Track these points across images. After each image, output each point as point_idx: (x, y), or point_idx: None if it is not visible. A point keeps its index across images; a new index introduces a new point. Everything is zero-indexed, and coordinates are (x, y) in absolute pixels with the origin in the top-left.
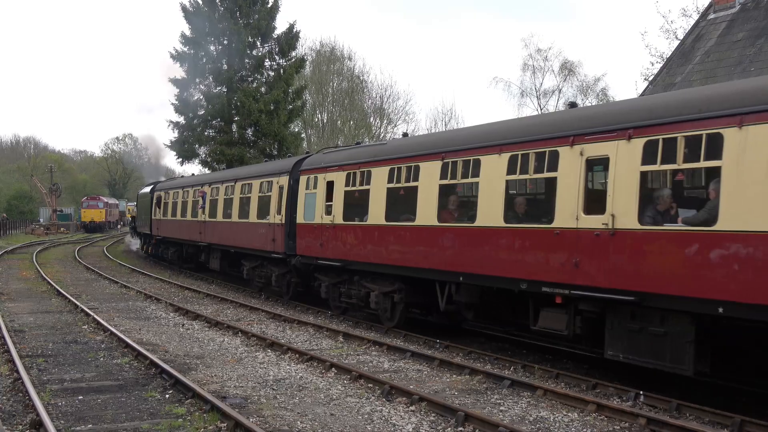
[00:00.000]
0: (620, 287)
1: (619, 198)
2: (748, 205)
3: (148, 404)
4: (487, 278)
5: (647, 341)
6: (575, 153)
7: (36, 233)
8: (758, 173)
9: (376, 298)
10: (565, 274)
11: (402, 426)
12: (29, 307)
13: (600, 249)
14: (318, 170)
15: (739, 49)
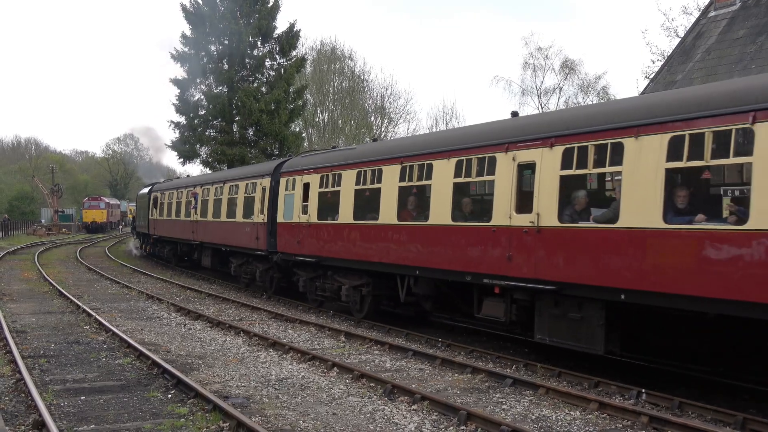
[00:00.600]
0: (544, 278)
1: (543, 199)
2: (642, 204)
3: (150, 404)
4: (438, 271)
5: (567, 325)
6: (509, 158)
7: (37, 234)
8: (649, 177)
9: (347, 291)
10: (501, 267)
11: (404, 425)
12: (31, 308)
13: (528, 244)
14: (296, 173)
15: (739, 46)
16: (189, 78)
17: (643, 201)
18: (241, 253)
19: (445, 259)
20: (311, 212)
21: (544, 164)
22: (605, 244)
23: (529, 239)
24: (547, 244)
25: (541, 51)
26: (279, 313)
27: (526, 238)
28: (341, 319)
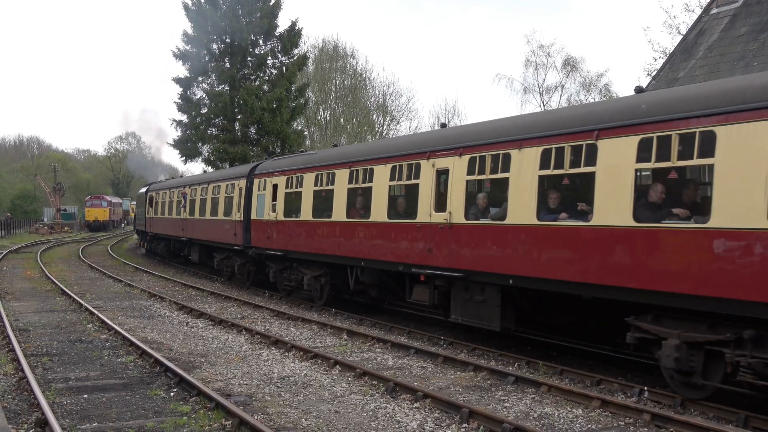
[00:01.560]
0: (456, 267)
1: (454, 200)
2: (523, 204)
3: (152, 402)
4: (379, 262)
5: (474, 307)
6: (430, 165)
7: (40, 232)
8: (528, 182)
9: (308, 281)
10: (424, 258)
11: (406, 423)
12: (34, 306)
13: (443, 238)
14: (266, 175)
15: (741, 43)
16: (191, 76)
17: (524, 201)
18: (223, 248)
19: (384, 251)
20: (278, 210)
21: (455, 170)
22: (498, 237)
23: (444, 234)
24: (457, 238)
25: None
26: (281, 311)
27: (441, 233)
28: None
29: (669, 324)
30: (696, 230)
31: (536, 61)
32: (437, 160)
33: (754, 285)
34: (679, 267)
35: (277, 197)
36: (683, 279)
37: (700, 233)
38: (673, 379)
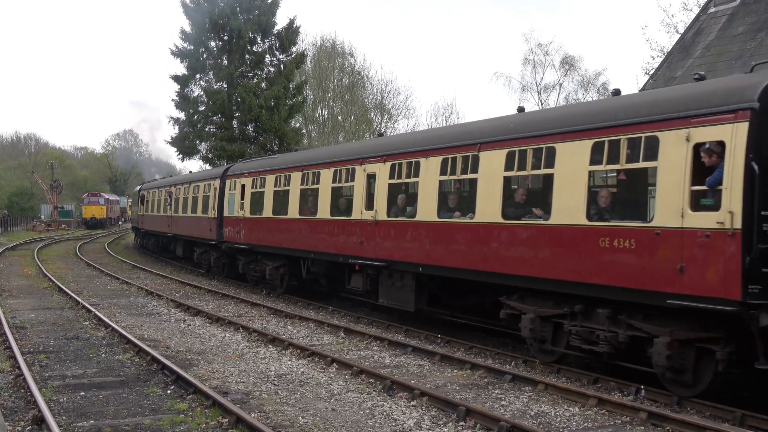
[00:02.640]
0: (381, 257)
1: (379, 200)
2: (428, 204)
3: (149, 400)
4: (324, 254)
5: (395, 291)
6: (362, 170)
7: (37, 230)
8: (431, 185)
9: (270, 271)
10: (357, 250)
11: (403, 421)
12: (31, 304)
13: (371, 233)
14: (236, 176)
15: (739, 42)
16: (189, 74)
17: (429, 202)
18: (201, 243)
19: (328, 245)
20: (246, 208)
21: (380, 175)
22: (411, 232)
23: (372, 229)
24: (381, 232)
25: (541, 47)
26: (278, 309)
27: (370, 228)
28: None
29: (528, 302)
30: (542, 226)
31: (534, 60)
32: (368, 166)
33: (579, 269)
34: (531, 255)
35: (245, 196)
36: (535, 265)
37: (544, 228)
38: (532, 346)
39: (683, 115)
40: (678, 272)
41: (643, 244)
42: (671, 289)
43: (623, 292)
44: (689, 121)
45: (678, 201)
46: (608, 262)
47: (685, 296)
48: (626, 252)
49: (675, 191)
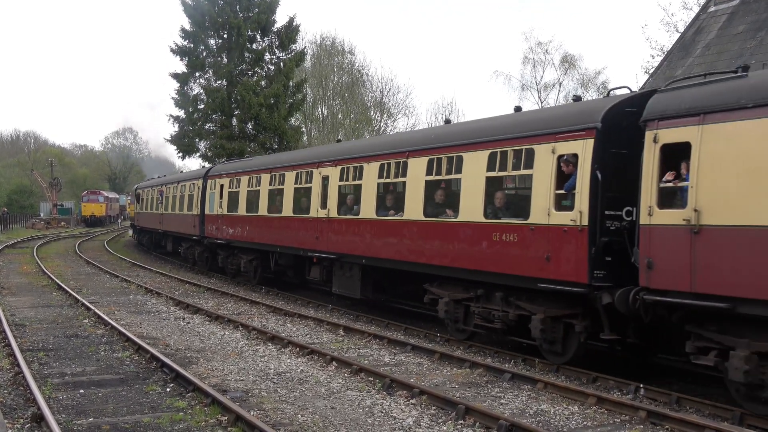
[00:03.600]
0: (333, 251)
1: (331, 199)
2: (369, 204)
3: (149, 398)
4: (288, 248)
5: (346, 281)
6: (318, 173)
7: (36, 227)
8: (372, 188)
9: (244, 264)
10: (314, 244)
11: (402, 419)
12: (30, 302)
13: (325, 229)
14: (216, 177)
15: (739, 41)
16: (188, 72)
17: (369, 202)
18: (187, 238)
19: (291, 239)
20: (223, 207)
21: (332, 177)
22: (356, 228)
23: (325, 226)
24: (333, 229)
25: (541, 46)
26: (278, 307)
27: (324, 225)
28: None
29: (445, 288)
30: (452, 223)
31: (534, 58)
32: (323, 169)
33: (479, 260)
34: (445, 248)
35: (223, 196)
36: (448, 256)
37: (454, 225)
38: (449, 326)
39: (551, 132)
40: (546, 261)
41: (523, 237)
42: (541, 275)
43: (510, 278)
44: (555, 137)
45: (546, 202)
46: (499, 253)
47: (551, 280)
48: (512, 245)
49: (544, 194)
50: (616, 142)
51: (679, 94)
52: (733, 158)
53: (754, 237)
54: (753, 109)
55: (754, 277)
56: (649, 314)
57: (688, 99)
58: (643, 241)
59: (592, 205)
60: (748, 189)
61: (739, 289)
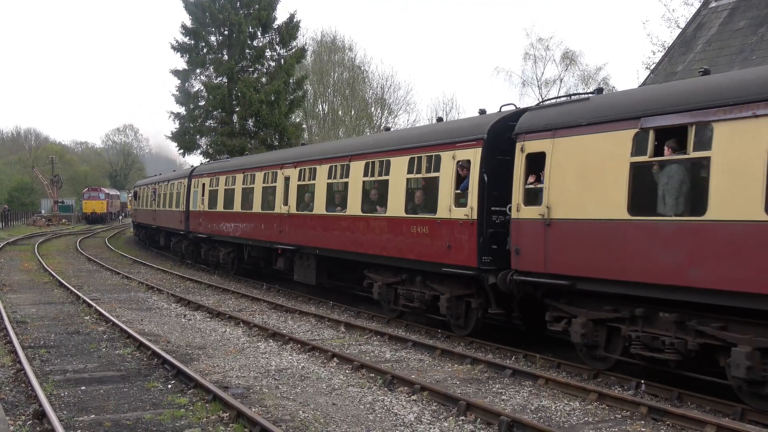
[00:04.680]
0: (293, 243)
1: (291, 197)
2: (321, 201)
3: (150, 394)
4: (258, 241)
5: (304, 269)
6: (282, 173)
7: (37, 224)
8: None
9: (223, 256)
10: (278, 237)
11: (404, 415)
12: (31, 299)
13: (287, 224)
14: (199, 176)
15: (740, 37)
16: (189, 68)
17: (321, 199)
18: (175, 233)
19: (260, 233)
20: (205, 204)
21: (292, 177)
22: (311, 223)
23: (287, 221)
24: (293, 223)
25: (542, 42)
26: (279, 303)
27: (286, 220)
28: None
29: (379, 273)
30: (383, 217)
31: (535, 55)
32: (285, 170)
33: (402, 249)
34: (378, 239)
35: (204, 193)
36: (379, 246)
37: (384, 219)
38: (383, 307)
39: (452, 141)
40: (448, 249)
41: (432, 229)
42: (445, 261)
43: (424, 264)
44: (455, 146)
45: (448, 200)
46: (416, 243)
47: (451, 265)
48: (424, 236)
49: (448, 193)
50: (500, 150)
51: (540, 113)
52: (572, 166)
53: (587, 228)
54: (587, 126)
55: (587, 260)
56: (520, 292)
57: (545, 117)
58: (513, 232)
59: (481, 202)
60: (582, 190)
61: (577, 270)
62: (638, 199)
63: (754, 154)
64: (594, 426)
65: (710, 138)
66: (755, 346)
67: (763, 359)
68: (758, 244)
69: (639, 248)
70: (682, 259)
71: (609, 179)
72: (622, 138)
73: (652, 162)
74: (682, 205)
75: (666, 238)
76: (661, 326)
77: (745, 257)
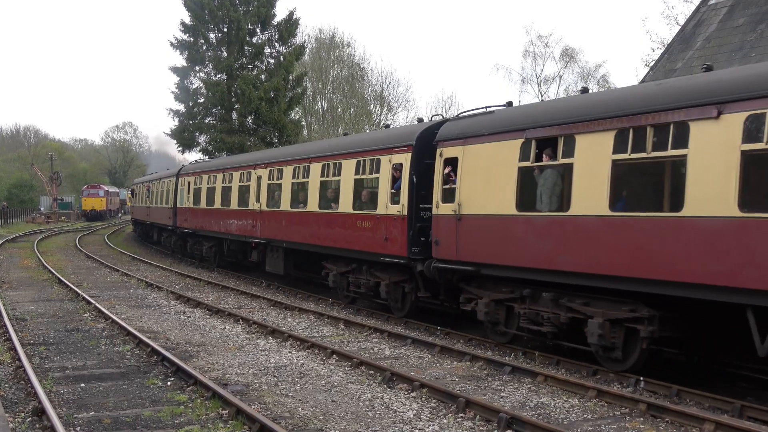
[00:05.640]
0: (264, 237)
1: (263, 195)
2: (286, 199)
3: (149, 392)
4: (235, 236)
5: (274, 261)
6: (255, 174)
7: (37, 222)
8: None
9: (206, 250)
10: (252, 232)
11: (403, 412)
12: (31, 296)
13: (259, 219)
14: (185, 175)
15: (740, 34)
16: (188, 65)
17: (287, 196)
18: (164, 228)
19: (236, 229)
20: (190, 201)
21: (263, 177)
22: (279, 218)
23: (259, 216)
24: (264, 219)
25: (541, 39)
26: (278, 300)
27: (258, 216)
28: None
29: (334, 263)
30: (335, 213)
31: (534, 52)
32: (257, 171)
33: (350, 241)
34: (331, 233)
35: (189, 191)
36: (332, 239)
37: (336, 214)
38: (336, 293)
39: (389, 147)
40: (385, 241)
41: (373, 224)
42: (383, 251)
43: (367, 254)
44: (391, 151)
45: (386, 198)
46: (361, 236)
47: (388, 255)
48: (367, 230)
49: (385, 192)
50: (426, 155)
51: (456, 124)
52: (477, 169)
53: (487, 222)
54: (488, 136)
55: (488, 250)
56: (441, 277)
57: (459, 127)
58: (434, 226)
59: (410, 200)
60: (484, 190)
61: (481, 258)
62: (523, 197)
63: (603, 162)
64: (593, 423)
65: (573, 147)
66: (606, 318)
67: (612, 328)
68: (606, 233)
69: (524, 239)
70: (553, 248)
71: (503, 181)
72: (513, 146)
73: (533, 167)
74: (554, 203)
75: (542, 230)
76: (542, 304)
77: (596, 245)
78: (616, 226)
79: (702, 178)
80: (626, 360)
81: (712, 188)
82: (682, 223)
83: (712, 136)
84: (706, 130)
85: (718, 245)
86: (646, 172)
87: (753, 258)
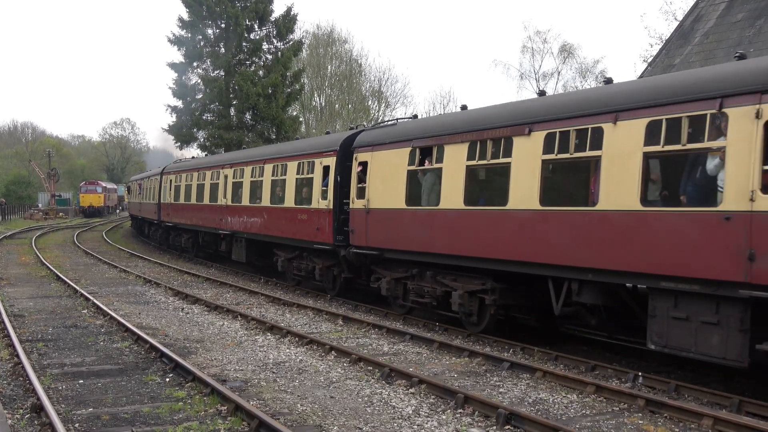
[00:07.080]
0: (230, 229)
1: (228, 192)
2: (246, 194)
3: (148, 388)
4: (208, 228)
5: (239, 250)
6: (222, 173)
7: (35, 218)
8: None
9: (184, 242)
10: (221, 225)
11: (402, 408)
12: (29, 292)
13: (225, 213)
14: (167, 173)
15: (738, 30)
16: (186, 61)
17: (246, 193)
18: (151, 222)
19: (209, 222)
20: (171, 197)
21: (229, 176)
22: (241, 212)
23: (225, 211)
24: (230, 212)
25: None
26: (277, 297)
27: (225, 210)
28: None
29: (283, 251)
30: (281, 207)
31: (533, 47)
32: (224, 170)
33: (293, 232)
34: (280, 225)
35: (171, 188)
36: (281, 229)
37: (282, 209)
38: (285, 275)
39: (321, 151)
40: (317, 231)
41: (309, 216)
42: (315, 239)
43: (304, 242)
44: (322, 154)
45: (318, 194)
46: (301, 227)
47: (319, 243)
48: (305, 221)
49: (317, 190)
50: (348, 159)
51: (368, 133)
52: (381, 171)
53: (387, 215)
54: (389, 144)
55: (388, 237)
56: (358, 261)
57: (370, 136)
58: (350, 218)
59: (335, 196)
60: (385, 189)
61: (383, 244)
62: (411, 194)
63: (460, 167)
64: (591, 418)
65: (443, 155)
66: (465, 290)
67: (469, 298)
68: (461, 223)
69: (412, 228)
70: (430, 235)
71: (398, 181)
72: (404, 153)
73: (417, 170)
74: (432, 200)
75: (423, 221)
76: (426, 281)
77: (455, 232)
78: (467, 217)
79: (520, 180)
80: (480, 323)
81: (526, 188)
82: (508, 214)
83: (526, 148)
84: (522, 144)
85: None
86: (488, 175)
87: (548, 239)
